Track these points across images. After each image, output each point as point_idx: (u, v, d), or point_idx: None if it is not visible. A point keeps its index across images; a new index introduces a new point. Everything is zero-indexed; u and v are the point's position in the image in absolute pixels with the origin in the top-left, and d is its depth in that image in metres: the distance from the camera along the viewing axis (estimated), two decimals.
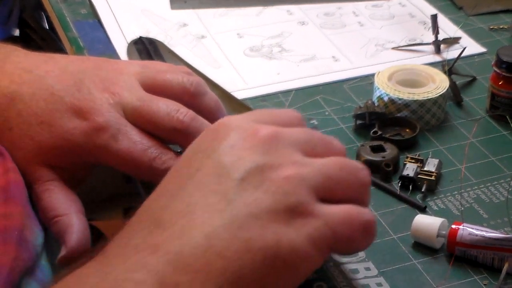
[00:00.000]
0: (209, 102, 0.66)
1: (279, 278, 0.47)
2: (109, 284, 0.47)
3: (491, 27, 0.95)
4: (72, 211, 0.61)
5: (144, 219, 0.50)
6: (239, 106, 0.77)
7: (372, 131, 0.74)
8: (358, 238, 0.50)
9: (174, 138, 0.62)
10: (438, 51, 0.89)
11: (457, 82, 0.82)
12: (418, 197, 0.68)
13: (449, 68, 0.83)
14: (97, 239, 0.61)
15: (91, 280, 0.48)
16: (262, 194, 0.48)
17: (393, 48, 0.91)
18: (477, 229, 0.60)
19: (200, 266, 0.46)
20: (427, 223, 0.62)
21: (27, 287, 0.56)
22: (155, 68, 0.66)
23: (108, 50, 0.90)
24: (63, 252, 0.59)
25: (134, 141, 0.60)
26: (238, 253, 0.47)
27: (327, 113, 0.79)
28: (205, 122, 0.63)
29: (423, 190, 0.68)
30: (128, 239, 0.49)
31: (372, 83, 0.79)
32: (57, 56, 0.66)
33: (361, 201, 0.52)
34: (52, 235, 0.61)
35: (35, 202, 0.62)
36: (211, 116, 0.65)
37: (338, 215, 0.49)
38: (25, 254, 0.56)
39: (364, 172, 0.52)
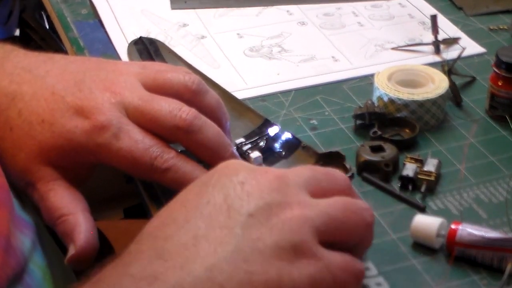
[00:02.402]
0: (210, 100, 0.66)
1: None
2: None
3: (491, 28, 0.95)
4: (79, 210, 0.61)
5: (146, 247, 0.49)
6: (239, 106, 0.77)
7: (371, 131, 0.74)
8: (351, 286, 0.51)
9: (176, 137, 0.62)
10: (437, 51, 0.90)
11: (456, 83, 0.82)
12: (417, 197, 0.68)
13: (448, 68, 0.83)
14: (99, 239, 0.61)
15: None
16: (268, 230, 0.49)
17: (392, 49, 0.91)
18: (477, 229, 0.60)
19: None
20: (427, 223, 0.62)
21: None
22: (155, 68, 0.66)
23: (108, 50, 0.91)
24: (72, 251, 0.59)
25: (135, 140, 0.60)
26: (239, 285, 0.47)
27: (326, 113, 0.79)
28: (207, 120, 0.63)
29: (422, 190, 0.68)
30: (126, 267, 0.48)
31: (371, 84, 0.79)
32: (56, 56, 0.66)
33: (364, 241, 0.54)
34: (60, 235, 0.61)
35: (38, 202, 0.62)
36: (213, 114, 0.65)
37: (338, 261, 0.50)
38: (12, 261, 0.55)
39: (367, 212, 0.53)
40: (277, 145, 0.73)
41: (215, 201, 0.50)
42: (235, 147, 0.65)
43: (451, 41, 0.91)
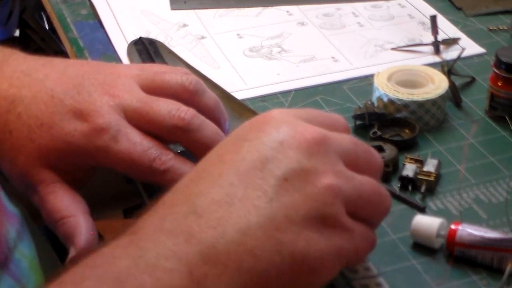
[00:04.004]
0: (208, 100, 0.66)
1: (301, 282, 0.49)
2: (139, 270, 0.46)
3: (490, 28, 0.95)
4: (79, 212, 0.61)
5: (180, 200, 0.50)
6: (238, 106, 0.78)
7: (371, 132, 0.74)
8: (366, 255, 0.53)
9: (176, 137, 0.62)
10: (437, 51, 0.90)
11: (456, 83, 0.82)
12: (417, 198, 0.68)
13: (448, 68, 0.83)
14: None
15: (122, 263, 0.47)
16: (302, 198, 0.49)
17: (392, 49, 0.91)
18: (476, 230, 0.60)
19: (230, 261, 0.47)
20: (427, 223, 0.62)
21: (0, 281, 0.56)
22: (153, 70, 0.66)
23: (108, 50, 0.91)
24: (72, 253, 0.59)
25: (134, 142, 0.61)
26: (268, 253, 0.47)
27: None
28: (206, 119, 0.63)
29: (422, 190, 0.68)
30: (162, 221, 0.49)
31: (371, 84, 0.79)
32: (55, 60, 0.66)
33: (374, 223, 0.55)
34: (60, 237, 0.61)
35: (39, 204, 0.62)
36: (211, 114, 0.65)
37: (361, 234, 0.51)
38: None
39: (389, 202, 0.55)
40: None
41: (251, 159, 0.50)
42: None
43: (451, 42, 0.91)
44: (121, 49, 0.91)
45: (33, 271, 0.62)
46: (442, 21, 0.95)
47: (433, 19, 0.92)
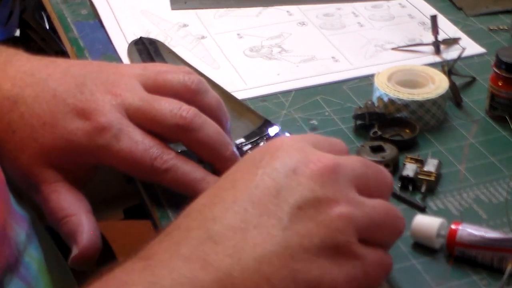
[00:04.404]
0: (210, 100, 0.66)
1: None
2: None
3: (491, 28, 0.95)
4: (81, 211, 0.61)
5: (195, 225, 0.49)
6: (239, 106, 0.78)
7: (371, 132, 0.74)
8: (381, 280, 0.53)
9: (177, 135, 0.63)
10: (437, 51, 0.90)
11: (456, 83, 0.82)
12: (417, 198, 0.68)
13: (448, 68, 0.83)
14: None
15: None
16: (316, 227, 0.49)
17: (392, 49, 0.91)
18: (477, 230, 0.60)
19: None
20: (427, 223, 0.62)
21: (10, 284, 0.56)
22: (155, 69, 0.66)
23: (108, 50, 0.91)
24: (75, 252, 0.59)
25: (135, 141, 0.61)
26: (284, 282, 0.47)
27: (327, 114, 0.80)
28: (208, 119, 0.63)
29: (422, 190, 0.68)
30: (177, 246, 0.48)
31: (371, 84, 0.79)
32: (58, 60, 0.67)
33: (388, 245, 0.54)
34: (63, 236, 0.61)
35: (41, 203, 0.62)
36: (213, 113, 0.65)
37: (374, 260, 0.51)
38: (7, 251, 0.56)
39: (402, 223, 0.54)
40: None
41: (264, 186, 0.50)
42: (235, 148, 0.65)
43: (451, 42, 0.91)
44: (122, 49, 0.91)
45: (42, 274, 0.62)
46: (442, 21, 0.95)
47: (434, 19, 0.92)
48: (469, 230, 0.60)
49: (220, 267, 0.47)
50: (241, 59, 0.90)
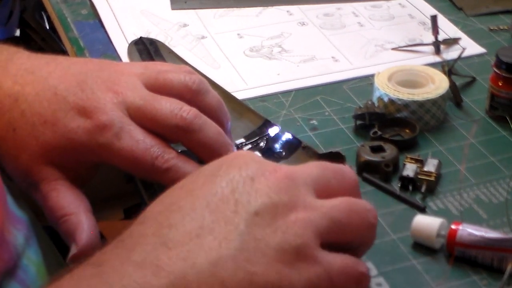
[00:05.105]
0: (211, 100, 0.66)
1: None
2: None
3: (491, 28, 0.95)
4: (81, 210, 0.61)
5: (149, 231, 0.49)
6: (239, 106, 0.78)
7: (372, 132, 0.74)
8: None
9: (177, 136, 0.62)
10: (437, 51, 0.90)
11: (456, 83, 0.82)
12: (417, 198, 0.68)
13: (448, 68, 0.83)
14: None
15: None
16: (272, 232, 0.49)
17: (392, 49, 0.91)
18: (477, 230, 0.60)
19: None
20: (427, 223, 0.62)
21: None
22: (157, 68, 0.66)
23: (108, 50, 0.91)
24: (73, 250, 0.59)
25: (136, 139, 0.61)
26: (240, 284, 0.47)
27: (327, 114, 0.80)
28: (208, 120, 0.63)
29: (422, 190, 0.68)
30: (129, 252, 0.48)
31: (371, 84, 0.79)
32: (59, 58, 0.66)
33: (366, 242, 0.54)
34: (62, 234, 0.61)
35: (41, 202, 0.62)
36: (214, 114, 0.65)
37: (338, 265, 0.50)
38: (5, 255, 0.56)
39: (371, 214, 0.53)
40: (277, 146, 0.73)
41: (222, 193, 0.50)
42: (235, 148, 0.65)
43: (451, 42, 0.91)
44: (122, 49, 0.91)
45: (40, 276, 0.62)
46: (442, 21, 0.95)
47: (434, 19, 0.92)
48: (469, 230, 0.60)
49: (173, 270, 0.47)
50: (241, 59, 0.90)
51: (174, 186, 0.53)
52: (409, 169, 0.69)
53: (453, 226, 0.61)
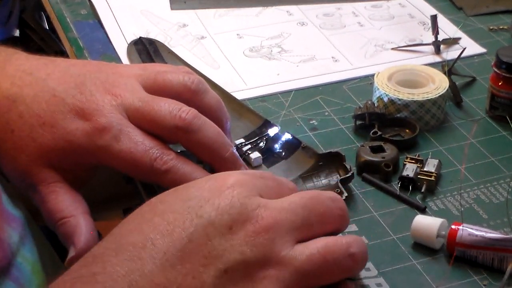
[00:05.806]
0: (210, 100, 0.66)
1: None
2: None
3: (491, 28, 0.95)
4: (79, 213, 0.61)
5: (122, 273, 0.49)
6: (238, 106, 0.77)
7: (371, 132, 0.74)
8: (343, 265, 0.52)
9: (176, 136, 0.62)
10: (437, 51, 0.90)
11: (456, 83, 0.82)
12: (418, 198, 0.68)
13: (448, 68, 0.83)
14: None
15: None
16: None
17: (392, 49, 0.91)
18: (477, 230, 0.60)
19: None
20: (427, 223, 0.62)
21: (2, 286, 0.56)
22: (155, 70, 0.66)
23: (108, 50, 0.91)
24: (72, 253, 0.59)
25: (135, 141, 0.61)
26: None
27: (326, 114, 0.79)
28: (207, 120, 0.63)
29: (422, 190, 0.68)
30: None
31: (371, 84, 0.79)
32: (58, 60, 0.66)
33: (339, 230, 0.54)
34: (60, 237, 0.61)
35: (39, 204, 0.62)
36: (213, 114, 0.65)
37: (308, 255, 0.51)
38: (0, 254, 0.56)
39: (338, 204, 0.54)
40: (277, 146, 0.72)
41: (197, 242, 0.50)
42: (235, 148, 0.65)
43: (451, 41, 0.91)
44: (121, 49, 0.90)
45: (36, 275, 0.62)
46: (442, 20, 0.95)
47: (434, 18, 0.92)
48: (469, 230, 0.60)
49: None
50: (241, 59, 0.90)
51: (155, 208, 0.53)
52: (409, 169, 0.69)
53: (453, 226, 0.61)
